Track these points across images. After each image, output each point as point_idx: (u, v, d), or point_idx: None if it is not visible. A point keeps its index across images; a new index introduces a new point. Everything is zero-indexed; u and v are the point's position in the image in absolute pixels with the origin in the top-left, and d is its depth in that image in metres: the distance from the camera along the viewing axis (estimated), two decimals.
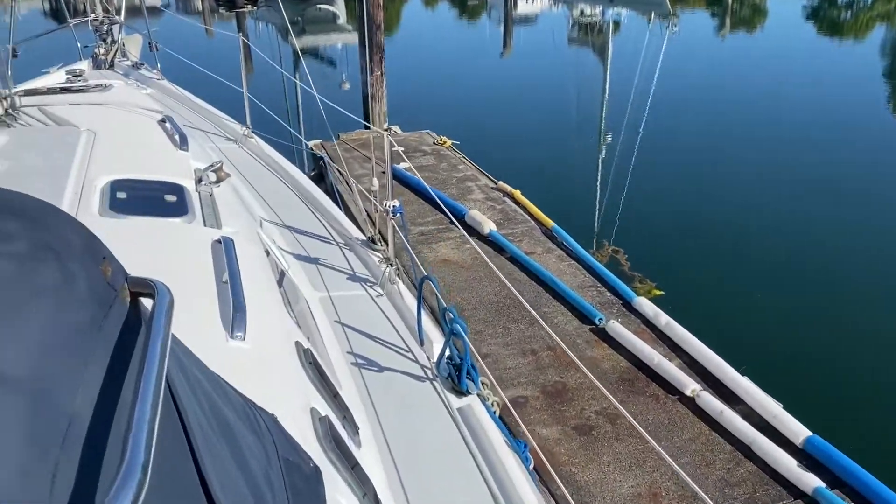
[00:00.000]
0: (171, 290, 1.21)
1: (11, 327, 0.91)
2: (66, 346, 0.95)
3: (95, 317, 1.05)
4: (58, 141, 3.77)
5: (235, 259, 2.70)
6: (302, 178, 5.16)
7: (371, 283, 3.88)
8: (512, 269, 6.49)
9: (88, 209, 2.88)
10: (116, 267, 1.19)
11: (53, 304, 1.00)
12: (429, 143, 10.11)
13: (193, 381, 1.30)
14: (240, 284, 2.49)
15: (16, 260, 1.03)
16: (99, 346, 1.01)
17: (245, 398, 1.79)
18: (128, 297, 1.18)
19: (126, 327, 1.11)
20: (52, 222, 1.17)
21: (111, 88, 6.14)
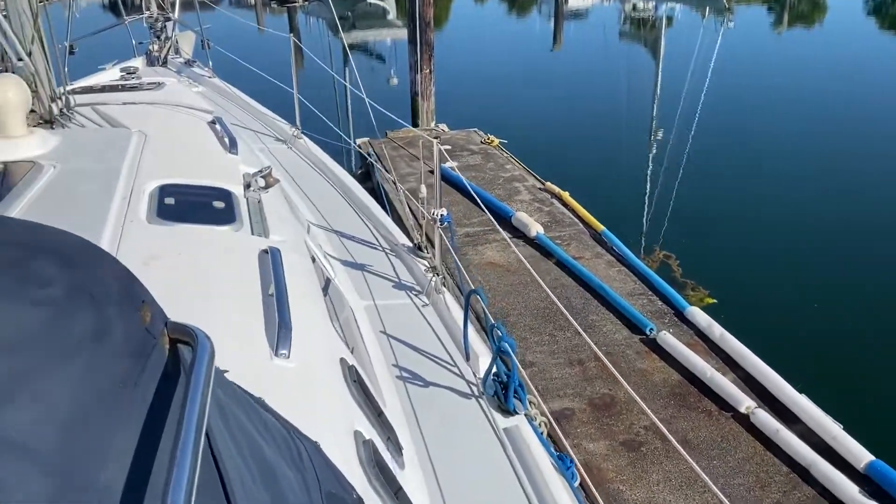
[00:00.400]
0: (211, 339, 1.14)
1: (41, 389, 0.86)
2: (98, 406, 0.90)
3: (132, 370, 0.98)
4: (109, 143, 3.79)
5: (282, 270, 2.65)
6: (349, 181, 5.11)
7: (417, 291, 3.82)
8: (559, 274, 6.36)
9: (137, 215, 2.87)
10: (156, 311, 1.13)
11: (87, 359, 0.94)
12: (476, 142, 10.01)
13: (234, 428, 1.23)
14: (285, 297, 2.44)
15: (49, 307, 0.97)
16: (135, 405, 0.95)
17: (287, 425, 1.73)
18: (167, 345, 1.12)
19: (164, 379, 1.04)
20: (92, 264, 1.12)
21: (164, 87, 6.19)
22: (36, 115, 4.33)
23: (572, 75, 18.00)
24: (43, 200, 2.92)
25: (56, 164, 3.33)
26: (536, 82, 16.92)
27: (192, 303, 2.30)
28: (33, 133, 3.56)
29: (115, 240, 2.62)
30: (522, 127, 11.99)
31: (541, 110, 13.96)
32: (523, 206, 7.75)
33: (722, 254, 8.02)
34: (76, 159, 3.47)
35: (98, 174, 3.30)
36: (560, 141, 11.75)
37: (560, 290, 6.06)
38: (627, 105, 14.54)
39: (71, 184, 3.15)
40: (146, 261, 2.53)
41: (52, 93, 4.39)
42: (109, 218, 2.79)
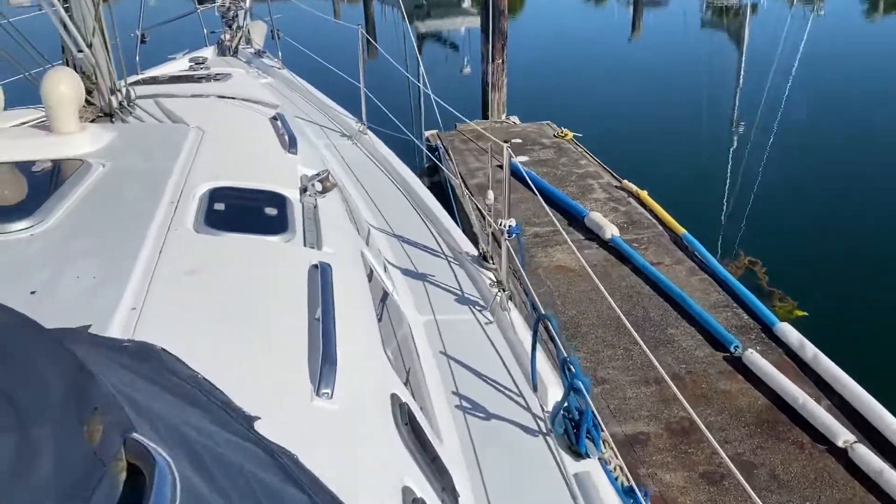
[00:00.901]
0: (173, 469, 0.85)
1: None
2: None
3: None
4: (165, 140, 3.62)
5: (331, 289, 2.41)
6: (413, 181, 4.85)
7: (480, 307, 3.53)
8: (635, 280, 5.96)
9: (183, 222, 2.67)
10: (114, 422, 0.86)
11: None
12: (549, 136, 9.61)
13: None
14: (333, 323, 2.20)
15: None
16: None
17: None
18: (123, 473, 0.83)
19: None
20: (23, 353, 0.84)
21: (230, 78, 6.06)
22: (95, 108, 4.21)
23: (651, 66, 17.25)
24: (87, 202, 2.76)
25: (106, 162, 3.18)
26: (613, 73, 16.28)
27: (228, 327, 2.08)
28: (86, 129, 3.42)
29: (156, 249, 2.42)
30: (598, 120, 11.50)
31: (618, 102, 13.35)
32: (598, 206, 7.35)
33: (813, 260, 7.44)
34: (128, 157, 3.32)
35: (148, 174, 3.13)
36: (638, 135, 11.17)
37: (636, 300, 5.67)
38: (709, 97, 13.81)
39: (118, 184, 2.99)
40: (186, 274, 2.32)
41: (112, 85, 4.26)
42: (153, 224, 2.60)
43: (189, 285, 2.26)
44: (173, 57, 7.38)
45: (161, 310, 2.08)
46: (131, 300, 2.08)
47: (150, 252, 2.38)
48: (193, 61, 6.64)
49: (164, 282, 2.22)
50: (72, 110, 3.35)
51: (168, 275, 2.27)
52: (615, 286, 5.88)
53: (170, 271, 2.30)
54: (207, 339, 2.00)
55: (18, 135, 3.35)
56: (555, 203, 7.42)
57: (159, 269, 2.29)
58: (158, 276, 2.25)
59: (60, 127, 3.33)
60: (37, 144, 3.27)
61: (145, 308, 2.06)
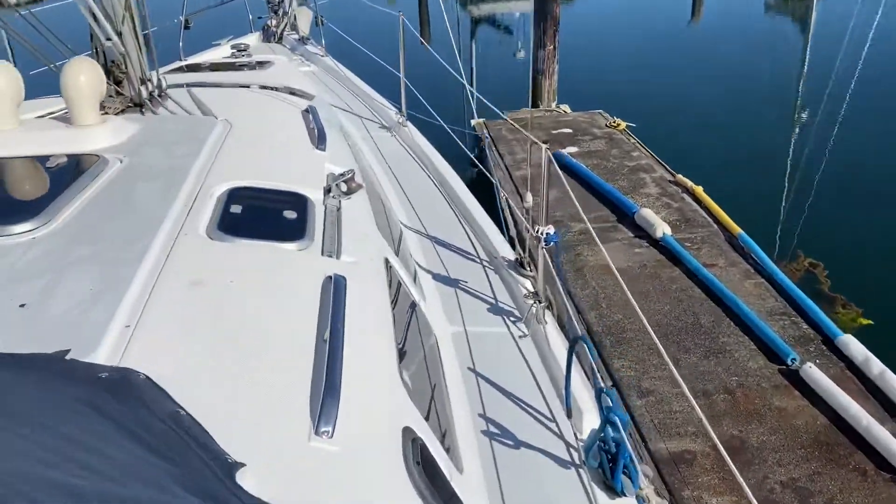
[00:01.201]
0: None
1: None
2: None
3: None
4: (189, 134, 3.48)
5: (344, 305, 2.22)
6: (452, 178, 4.63)
7: (515, 318, 3.30)
8: (686, 284, 5.64)
9: (195, 226, 2.51)
10: None
11: None
12: (600, 126, 9.27)
13: None
14: (341, 346, 2.01)
15: None
16: None
17: None
18: None
19: None
20: None
21: (270, 66, 5.93)
22: (125, 98, 4.11)
23: (711, 51, 16.57)
24: (97, 202, 2.63)
25: (124, 157, 3.05)
26: (671, 59, 15.66)
27: (226, 349, 1.91)
28: (107, 122, 3.30)
29: (162, 256, 2.27)
30: (653, 109, 11.02)
31: (674, 91, 12.75)
32: (649, 202, 7.01)
33: (880, 264, 6.95)
34: (149, 152, 3.19)
35: (166, 172, 2.99)
36: (695, 126, 10.63)
37: (687, 304, 5.36)
38: (771, 85, 13.12)
39: (133, 183, 2.85)
40: (189, 287, 2.16)
41: (142, 75, 4.15)
42: (163, 229, 2.45)
43: (190, 300, 2.10)
44: (217, 43, 7.29)
45: (156, 328, 1.92)
46: (125, 316, 1.93)
47: (155, 260, 2.23)
48: (236, 48, 6.52)
49: (165, 296, 2.07)
50: (92, 103, 3.23)
51: (170, 287, 2.12)
52: (665, 289, 5.58)
53: (172, 283, 2.14)
54: (202, 364, 1.83)
55: (36, 127, 3.24)
56: (604, 198, 7.12)
57: (162, 280, 2.14)
58: (160, 288, 2.09)
59: (80, 120, 3.22)
60: (54, 138, 3.16)
61: (140, 326, 1.91)
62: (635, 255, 6.08)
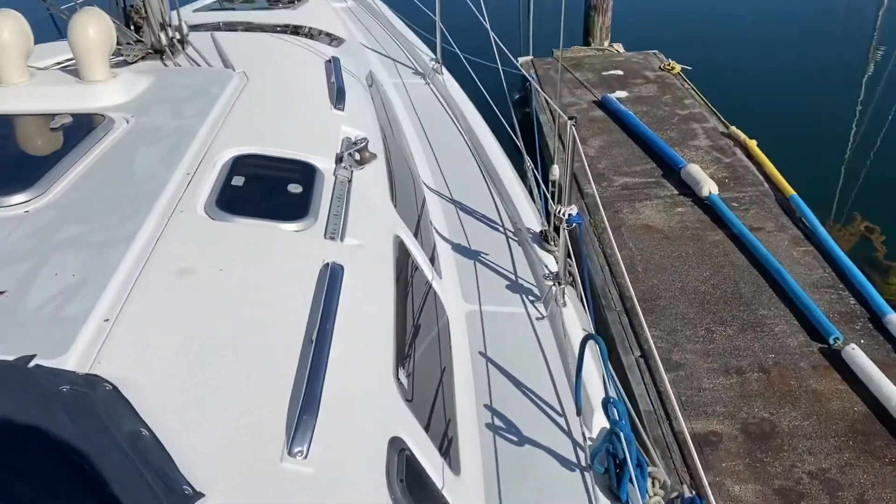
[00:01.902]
0: None
1: None
2: None
3: None
4: (203, 88, 3.34)
5: (337, 300, 2.10)
6: (483, 134, 4.40)
7: (534, 297, 3.14)
8: (730, 248, 5.37)
9: (193, 203, 2.40)
10: None
11: None
12: (654, 68, 8.79)
13: None
14: (327, 351, 1.89)
15: None
16: None
17: None
18: None
19: None
20: None
21: (304, 4, 5.70)
22: (144, 45, 3.96)
23: None
24: (95, 171, 2.53)
25: (131, 116, 2.94)
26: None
27: (206, 350, 1.81)
28: (116, 77, 3.17)
29: (153, 238, 2.18)
30: (711, 51, 10.32)
31: (736, 32, 11.69)
32: (698, 156, 6.66)
33: None
34: (158, 110, 3.07)
35: (172, 134, 2.87)
36: (755, 72, 9.85)
37: (728, 271, 5.11)
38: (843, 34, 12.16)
39: (136, 147, 2.74)
40: (177, 275, 2.07)
41: (162, 20, 3.99)
42: (160, 202, 2.35)
43: (175, 291, 2.00)
44: None
45: (136, 323, 1.84)
46: (105, 309, 1.85)
47: (145, 243, 2.13)
48: None
49: (149, 285, 1.98)
50: (100, 57, 3.10)
51: (157, 275, 2.02)
52: (706, 253, 5.32)
53: (160, 270, 2.05)
54: (176, 368, 1.74)
55: (44, 81, 3.13)
56: (650, 149, 6.78)
57: (149, 266, 2.04)
58: (145, 277, 2.00)
59: (88, 75, 3.10)
60: (60, 93, 3.06)
61: (119, 320, 1.83)
62: (678, 214, 5.80)
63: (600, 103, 7.85)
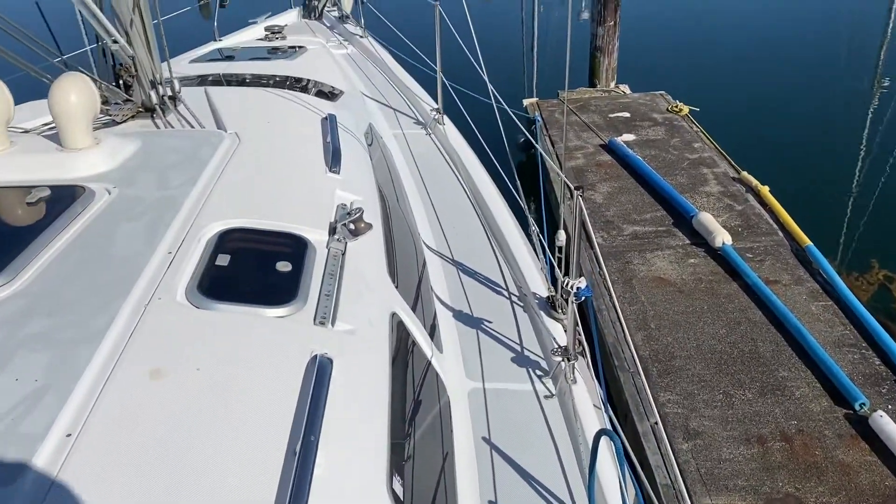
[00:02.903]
0: None
1: None
2: None
3: None
4: (192, 153, 3.18)
5: (324, 402, 1.90)
6: (486, 188, 4.24)
7: (542, 373, 2.93)
8: (745, 302, 5.15)
9: (173, 288, 2.21)
10: None
11: None
12: (661, 110, 8.65)
13: None
14: (311, 465, 1.69)
15: None
16: None
17: None
18: None
19: None
20: None
21: (303, 54, 5.60)
22: (134, 105, 3.82)
23: (787, 27, 15.29)
24: (71, 252, 2.35)
25: (113, 187, 2.78)
26: (740, 35, 14.40)
27: (176, 469, 1.61)
28: (100, 143, 3.01)
29: (126, 332, 1.99)
30: (719, 92, 10.20)
31: (743, 72, 11.49)
32: (710, 202, 6.47)
33: None
34: (143, 179, 2.90)
35: (156, 207, 2.69)
36: (764, 113, 9.64)
37: (744, 328, 4.88)
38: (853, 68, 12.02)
39: (117, 223, 2.57)
40: (151, 376, 1.88)
41: (153, 77, 3.85)
42: (137, 287, 2.17)
43: (148, 395, 1.81)
44: (254, 21, 6.97)
45: (102, 437, 1.65)
46: (68, 422, 1.66)
47: (118, 338, 1.95)
48: (269, 30, 6.19)
49: (119, 391, 1.79)
50: (83, 125, 2.95)
51: (127, 378, 1.83)
52: (721, 308, 5.10)
53: (131, 371, 1.86)
54: (144, 488, 1.55)
55: (24, 148, 2.97)
56: (660, 196, 6.60)
57: (119, 367, 1.86)
58: (115, 380, 1.81)
59: (70, 143, 2.94)
60: (41, 163, 2.89)
61: (83, 434, 1.64)
62: (690, 265, 5.60)
63: (607, 147, 7.70)
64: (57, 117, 2.92)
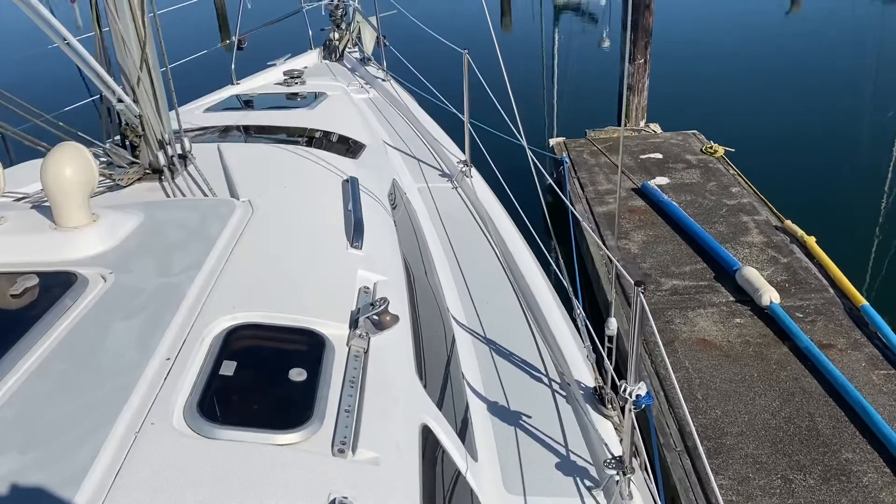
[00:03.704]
0: None
1: None
2: None
3: None
4: (199, 229, 2.88)
5: None
6: (517, 247, 3.91)
7: (590, 484, 2.57)
8: (799, 370, 4.75)
9: (169, 409, 1.89)
10: None
11: None
12: (694, 151, 8.30)
13: None
14: None
15: None
16: None
17: None
18: None
19: None
20: None
21: (322, 101, 5.32)
22: (140, 168, 3.55)
23: (815, 48, 14.90)
24: (60, 357, 2.05)
25: (109, 273, 2.46)
26: (776, 70, 14.00)
27: None
28: (97, 221, 2.71)
29: (112, 470, 1.67)
30: (756, 130, 9.73)
31: (782, 109, 10.96)
32: (752, 255, 6.08)
33: None
34: (142, 262, 2.59)
35: (155, 298, 2.37)
36: (806, 154, 9.16)
37: (799, 400, 4.48)
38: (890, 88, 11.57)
39: (109, 320, 2.25)
40: None
41: (161, 136, 3.57)
42: (126, 410, 1.85)
43: None
44: (273, 63, 6.74)
45: None
46: None
47: (102, 479, 1.63)
48: (288, 74, 5.93)
49: None
50: (78, 201, 2.65)
51: None
52: (773, 376, 4.70)
53: None
54: None
55: (13, 226, 2.68)
56: (699, 247, 6.23)
57: None
58: None
59: (63, 221, 2.64)
60: (31, 243, 2.60)
61: None
62: (736, 326, 5.21)
63: (640, 191, 7.35)
64: (50, 193, 2.63)
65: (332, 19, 7.54)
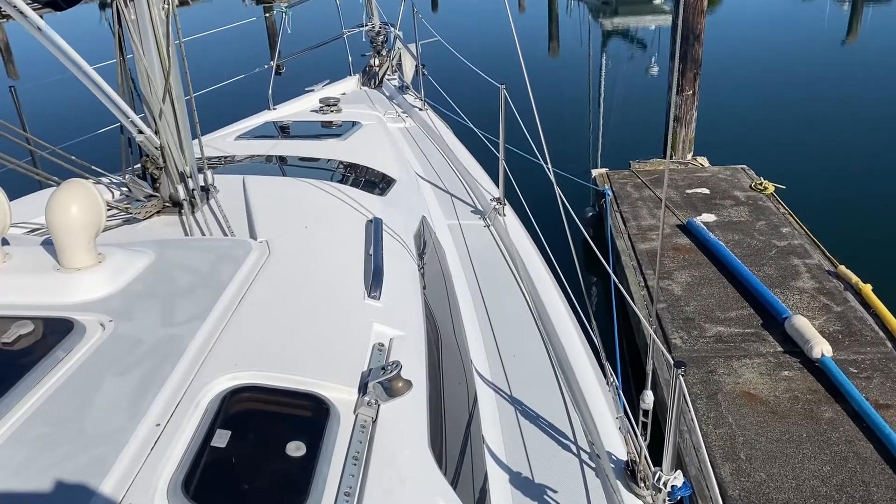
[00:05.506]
0: None
1: None
2: None
3: None
4: (210, 272, 2.73)
5: None
6: (548, 291, 3.69)
7: None
8: (853, 432, 4.41)
9: (150, 490, 1.72)
10: None
11: None
12: (743, 187, 7.97)
13: None
14: None
15: None
16: None
17: None
18: None
19: None
20: None
21: (357, 131, 5.19)
22: (160, 201, 3.43)
23: (872, 79, 14.39)
24: (43, 414, 1.91)
25: (109, 320, 2.32)
26: (823, 90, 13.64)
27: None
28: (103, 262, 2.58)
29: None
30: (808, 167, 9.37)
31: (830, 143, 10.59)
32: (803, 302, 5.74)
33: None
34: (145, 310, 2.44)
35: (154, 352, 2.21)
36: (858, 192, 8.79)
37: (853, 466, 4.14)
38: None
39: (101, 376, 2.09)
40: None
41: (183, 169, 3.46)
42: (105, 484, 1.68)
43: None
44: (311, 89, 6.67)
45: None
46: None
47: None
48: (324, 102, 5.83)
49: None
50: (83, 241, 2.52)
51: None
52: (823, 437, 4.37)
53: None
54: None
55: (14, 265, 2.56)
56: (746, 291, 5.91)
57: None
58: None
59: (67, 262, 2.51)
60: (30, 286, 2.47)
61: None
62: (784, 380, 4.88)
63: (685, 228, 7.05)
64: (54, 233, 2.50)
65: (372, 45, 7.46)
